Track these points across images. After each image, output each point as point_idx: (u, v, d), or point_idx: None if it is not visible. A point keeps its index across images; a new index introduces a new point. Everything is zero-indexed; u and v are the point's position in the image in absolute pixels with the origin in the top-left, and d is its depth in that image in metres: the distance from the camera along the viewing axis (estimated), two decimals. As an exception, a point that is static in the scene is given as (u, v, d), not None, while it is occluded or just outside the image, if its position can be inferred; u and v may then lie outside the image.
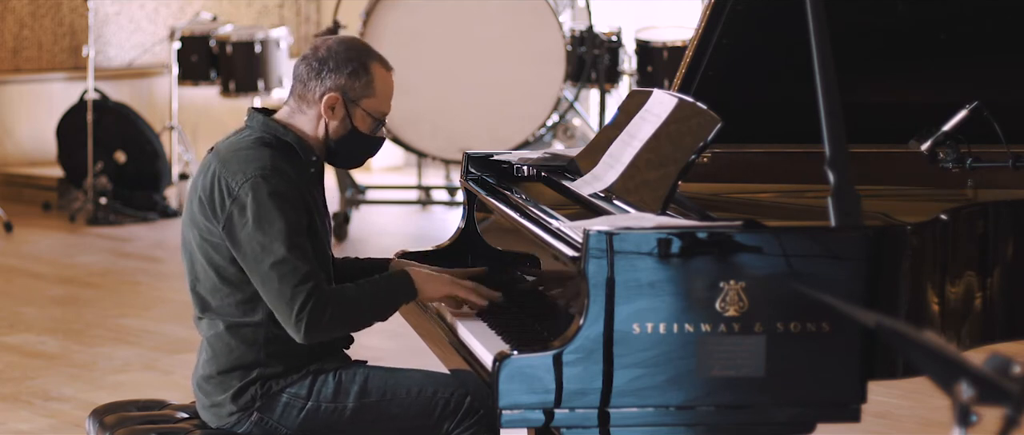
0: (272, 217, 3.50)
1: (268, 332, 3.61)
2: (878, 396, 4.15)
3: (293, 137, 3.64)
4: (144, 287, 8.01)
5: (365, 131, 3.68)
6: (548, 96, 9.02)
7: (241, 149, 3.61)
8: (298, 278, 3.48)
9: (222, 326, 3.64)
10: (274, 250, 3.48)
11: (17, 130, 10.64)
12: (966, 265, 3.57)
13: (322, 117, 3.64)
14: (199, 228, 3.61)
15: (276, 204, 3.51)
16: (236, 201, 3.53)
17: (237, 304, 3.61)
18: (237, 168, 3.56)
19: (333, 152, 3.70)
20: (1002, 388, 2.10)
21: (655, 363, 3.24)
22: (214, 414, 3.70)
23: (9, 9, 10.67)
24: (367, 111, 3.66)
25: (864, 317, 2.65)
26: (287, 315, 3.49)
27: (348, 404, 3.64)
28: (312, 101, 3.64)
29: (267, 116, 3.68)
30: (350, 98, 3.64)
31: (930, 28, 4.17)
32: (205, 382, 3.70)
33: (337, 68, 3.62)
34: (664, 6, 10.48)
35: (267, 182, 3.52)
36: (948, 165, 3.93)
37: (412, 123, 9.00)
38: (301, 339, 3.51)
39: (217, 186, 3.56)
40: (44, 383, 6.14)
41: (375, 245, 9.03)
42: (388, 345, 6.37)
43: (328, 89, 3.62)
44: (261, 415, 3.64)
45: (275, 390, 3.64)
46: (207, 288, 3.64)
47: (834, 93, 3.34)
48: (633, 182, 3.59)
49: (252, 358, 3.63)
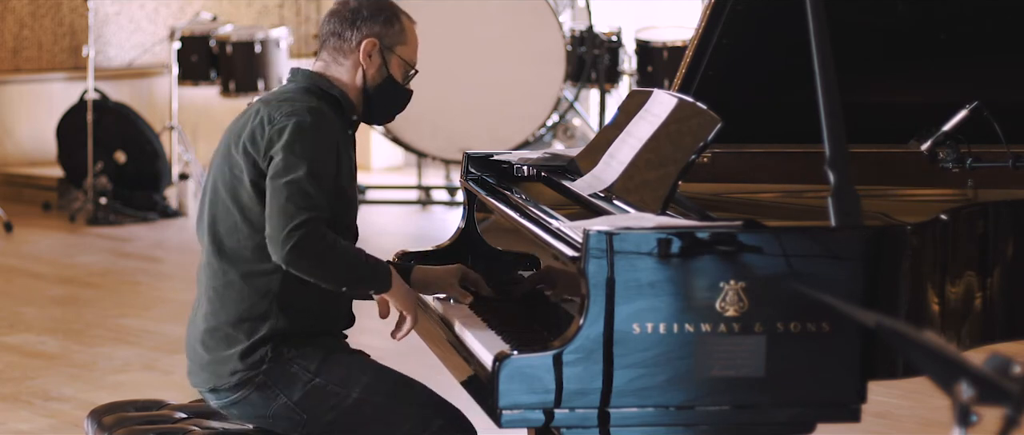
0: (305, 144, 3.55)
1: (281, 282, 3.61)
2: (878, 396, 4.15)
3: (338, 91, 3.71)
4: (144, 287, 8.01)
5: (399, 79, 3.74)
6: (548, 96, 9.02)
7: (287, 95, 3.68)
8: (306, 202, 3.50)
9: (235, 274, 3.64)
10: (296, 170, 3.52)
11: (17, 130, 10.64)
12: (966, 265, 3.57)
13: (360, 65, 3.71)
14: (232, 165, 3.64)
15: (312, 137, 3.57)
16: (276, 127, 3.58)
17: (254, 248, 3.61)
18: (285, 104, 3.63)
19: (370, 101, 3.74)
20: (1002, 388, 2.10)
21: (655, 363, 3.24)
22: (213, 373, 3.66)
23: (9, 9, 10.67)
24: (402, 57, 3.73)
25: (864, 317, 2.65)
26: (280, 228, 3.49)
27: (353, 393, 3.63)
28: (348, 50, 3.71)
29: (310, 71, 3.75)
30: (386, 45, 3.71)
31: (930, 28, 4.17)
32: (209, 336, 3.67)
33: (371, 16, 3.70)
34: (664, 6, 10.48)
35: (311, 116, 3.59)
36: (948, 165, 3.93)
37: (412, 123, 9.00)
38: (282, 258, 3.49)
39: (260, 121, 3.61)
40: (44, 383, 6.14)
41: (375, 245, 8.97)
42: (388, 345, 6.36)
43: (365, 36, 3.70)
44: (266, 379, 3.62)
45: (286, 357, 3.63)
46: (227, 227, 3.65)
47: (834, 93, 3.34)
48: (633, 182, 3.59)
49: (263, 309, 3.62)
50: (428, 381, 3.78)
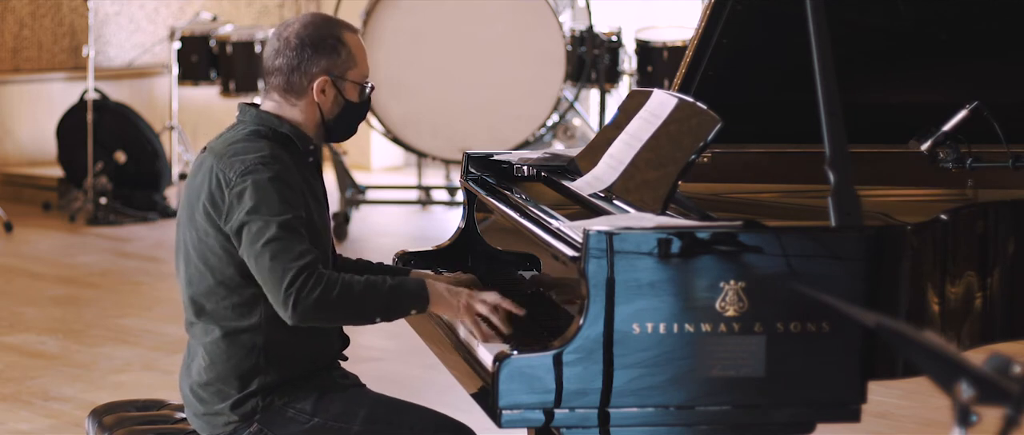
0: (269, 199, 3.46)
1: (265, 337, 3.56)
2: (878, 396, 4.15)
3: (289, 128, 3.60)
4: (144, 287, 8.01)
5: (355, 100, 3.66)
6: (548, 96, 9.02)
7: (237, 142, 3.58)
8: (291, 255, 3.42)
9: (218, 333, 3.59)
10: (269, 230, 3.44)
11: (17, 130, 10.64)
12: (966, 265, 3.57)
13: (315, 103, 3.61)
14: (198, 229, 3.57)
15: (275, 188, 3.47)
16: (234, 190, 3.49)
17: (233, 307, 3.57)
18: (236, 160, 3.53)
19: (330, 128, 3.67)
20: (1002, 388, 2.10)
21: (655, 363, 3.24)
22: (208, 423, 3.64)
23: (9, 9, 10.67)
24: (354, 81, 3.64)
25: (864, 317, 2.65)
26: (276, 290, 3.42)
27: (354, 426, 3.58)
28: (301, 91, 3.60)
29: (259, 109, 3.65)
30: (337, 75, 3.61)
31: (930, 28, 4.17)
32: (201, 389, 3.64)
33: (315, 52, 3.59)
34: (664, 6, 10.48)
35: (266, 168, 3.50)
36: (948, 165, 3.93)
37: (412, 123, 9.00)
38: (290, 317, 3.42)
39: (216, 182, 3.52)
40: (44, 383, 6.14)
41: (375, 245, 9.03)
42: (388, 345, 6.37)
43: (315, 75, 3.60)
44: (262, 426, 3.59)
45: (277, 405, 3.59)
46: (202, 291, 3.59)
47: (834, 93, 3.34)
48: (633, 182, 3.59)
49: (250, 364, 3.57)
50: (428, 381, 3.78)
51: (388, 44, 8.84)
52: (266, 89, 3.67)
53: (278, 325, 3.52)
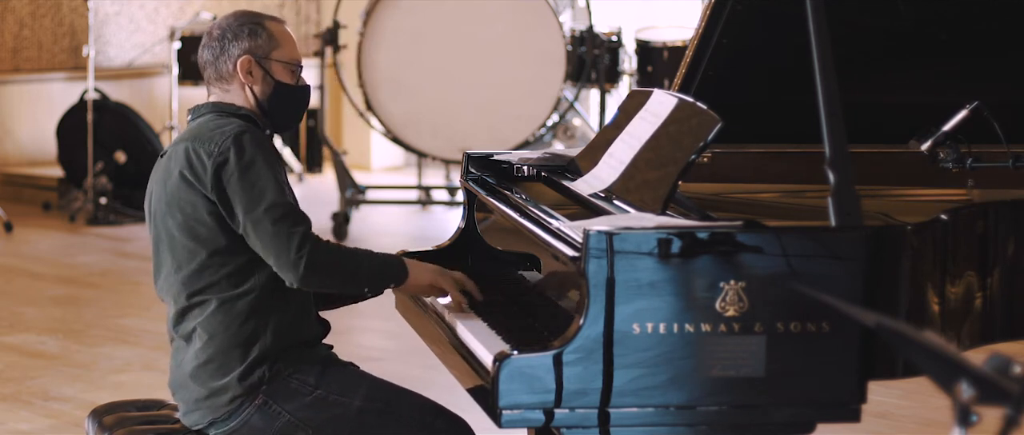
0: (259, 166, 3.56)
1: (260, 301, 3.62)
2: (878, 396, 4.15)
3: (245, 112, 3.71)
4: (144, 287, 8.00)
5: (288, 81, 3.73)
6: (548, 96, 9.02)
7: (205, 126, 3.68)
8: (294, 218, 3.54)
9: (214, 304, 3.63)
10: (266, 195, 3.54)
11: (17, 130, 10.64)
12: (966, 265, 3.57)
13: (244, 84, 3.71)
14: (181, 209, 3.62)
15: (261, 155, 3.58)
16: (220, 156, 3.57)
17: (228, 276, 3.62)
18: (215, 134, 3.62)
19: (269, 114, 3.74)
20: (1002, 388, 2.10)
21: (655, 363, 3.24)
22: (209, 408, 3.66)
23: (9, 9, 10.67)
24: (280, 61, 3.72)
25: (864, 317, 2.65)
26: (285, 253, 3.52)
27: (355, 401, 3.64)
28: (229, 76, 3.71)
29: (211, 102, 3.75)
30: (260, 56, 3.70)
31: (930, 28, 4.17)
32: (200, 371, 3.65)
33: (236, 36, 3.70)
34: (664, 6, 10.48)
35: (249, 135, 3.60)
36: (948, 165, 3.93)
37: (412, 123, 9.00)
38: (297, 280, 3.52)
39: (196, 156, 3.59)
40: (44, 383, 6.14)
41: (375, 245, 9.00)
42: (388, 345, 6.37)
43: (237, 56, 3.69)
44: (267, 398, 3.62)
45: (285, 373, 3.64)
46: (195, 269, 3.64)
47: (834, 93, 3.34)
48: (633, 182, 3.59)
49: (249, 330, 3.62)
50: (428, 381, 3.80)
51: (388, 44, 8.84)
52: (207, 87, 3.78)
53: (270, 291, 3.61)
